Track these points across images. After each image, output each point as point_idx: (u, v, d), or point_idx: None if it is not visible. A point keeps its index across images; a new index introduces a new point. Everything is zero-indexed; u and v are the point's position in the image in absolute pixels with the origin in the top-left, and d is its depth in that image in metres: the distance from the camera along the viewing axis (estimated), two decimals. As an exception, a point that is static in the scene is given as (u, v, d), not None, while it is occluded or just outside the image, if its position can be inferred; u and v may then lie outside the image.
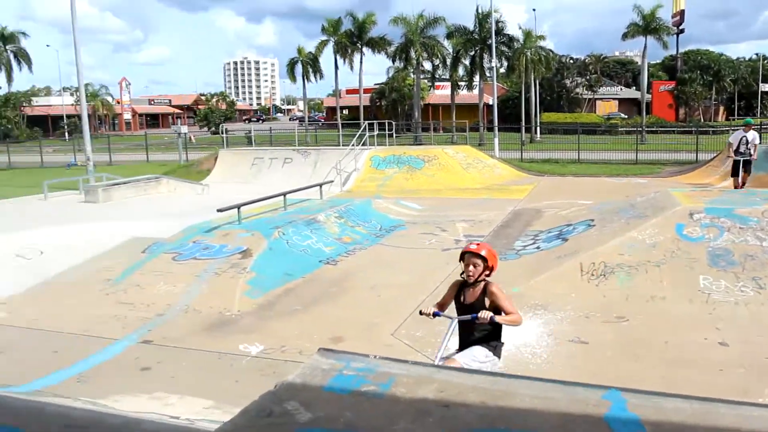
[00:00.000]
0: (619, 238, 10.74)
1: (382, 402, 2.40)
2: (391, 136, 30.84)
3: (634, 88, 75.60)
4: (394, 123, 33.98)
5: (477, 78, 52.98)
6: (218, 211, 13.73)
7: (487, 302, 5.33)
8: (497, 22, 45.21)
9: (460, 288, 5.58)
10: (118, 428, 2.38)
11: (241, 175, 25.85)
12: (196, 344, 8.27)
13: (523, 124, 46.24)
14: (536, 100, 55.77)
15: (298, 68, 59.25)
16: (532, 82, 52.83)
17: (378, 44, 53.75)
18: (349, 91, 75.33)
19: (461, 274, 5.54)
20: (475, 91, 55.05)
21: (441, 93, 69.91)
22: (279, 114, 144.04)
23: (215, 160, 28.67)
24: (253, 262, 11.07)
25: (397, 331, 8.35)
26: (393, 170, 24.77)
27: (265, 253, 11.51)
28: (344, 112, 71.44)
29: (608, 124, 57.11)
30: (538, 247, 12.39)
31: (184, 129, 40.78)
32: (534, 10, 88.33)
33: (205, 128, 75.23)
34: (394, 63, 56.17)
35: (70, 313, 9.71)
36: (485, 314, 5.14)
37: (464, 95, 61.67)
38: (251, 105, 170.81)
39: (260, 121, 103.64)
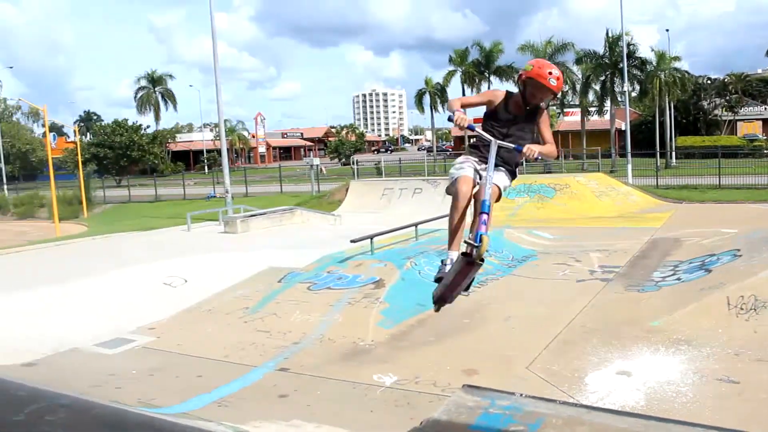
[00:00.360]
0: (770, 269, 10.08)
1: (531, 443, 2.34)
2: (520, 164, 30.56)
3: (782, 106, 71.20)
4: (523, 151, 33.52)
5: (608, 103, 51.52)
6: (351, 241, 14.01)
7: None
8: (628, 44, 43.98)
9: (506, 97, 4.96)
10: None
11: (372, 205, 26.32)
12: (332, 373, 8.41)
13: (658, 149, 44.56)
14: (671, 123, 53.45)
15: (426, 99, 60.03)
16: (667, 105, 50.76)
17: (506, 72, 53.54)
18: (476, 120, 74.18)
19: (518, 87, 4.86)
20: (606, 117, 53.65)
21: (571, 119, 68.36)
22: (407, 144, 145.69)
23: (346, 190, 29.38)
24: (386, 293, 11.20)
25: (532, 365, 8.17)
26: (523, 199, 24.45)
27: (398, 283, 11.62)
28: (472, 140, 71.24)
29: (751, 146, 53.86)
30: (678, 279, 11.83)
31: (316, 161, 41.84)
32: (667, 30, 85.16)
33: (336, 160, 77.16)
34: (522, 90, 55.75)
35: (211, 339, 10.15)
36: (532, 152, 4.67)
37: (595, 121, 60.20)
38: (379, 136, 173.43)
39: (389, 152, 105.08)
